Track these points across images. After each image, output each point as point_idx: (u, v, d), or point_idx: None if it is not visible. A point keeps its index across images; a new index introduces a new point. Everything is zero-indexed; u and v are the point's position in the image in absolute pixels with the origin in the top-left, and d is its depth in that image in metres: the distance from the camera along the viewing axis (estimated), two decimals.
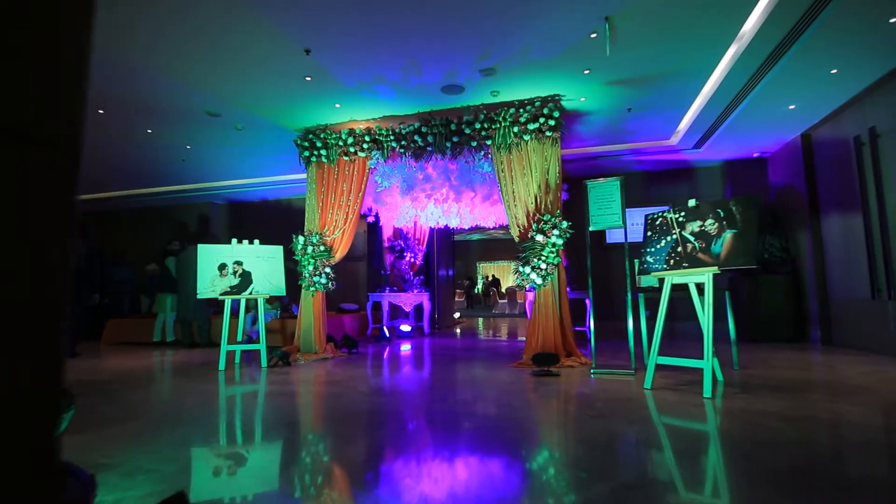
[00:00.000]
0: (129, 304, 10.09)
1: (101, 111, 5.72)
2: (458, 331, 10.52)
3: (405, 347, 7.07)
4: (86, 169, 8.14)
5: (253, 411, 3.42)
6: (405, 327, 8.40)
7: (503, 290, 25.20)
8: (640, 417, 2.94)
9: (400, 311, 9.09)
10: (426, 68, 4.74)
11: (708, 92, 5.37)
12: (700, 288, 4.09)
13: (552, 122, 5.30)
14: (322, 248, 5.96)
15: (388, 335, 7.76)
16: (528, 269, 5.16)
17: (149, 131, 6.40)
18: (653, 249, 4.24)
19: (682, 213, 4.12)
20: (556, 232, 5.10)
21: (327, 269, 5.96)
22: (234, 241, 5.63)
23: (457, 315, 11.94)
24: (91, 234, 6.82)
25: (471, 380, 4.34)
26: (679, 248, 4.03)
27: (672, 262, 4.04)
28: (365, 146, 5.96)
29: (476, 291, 25.01)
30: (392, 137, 5.87)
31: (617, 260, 8.56)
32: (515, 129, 5.41)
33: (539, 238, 5.13)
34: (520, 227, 5.38)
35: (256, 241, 5.74)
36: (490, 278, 23.59)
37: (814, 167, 6.64)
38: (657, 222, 4.30)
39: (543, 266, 5.10)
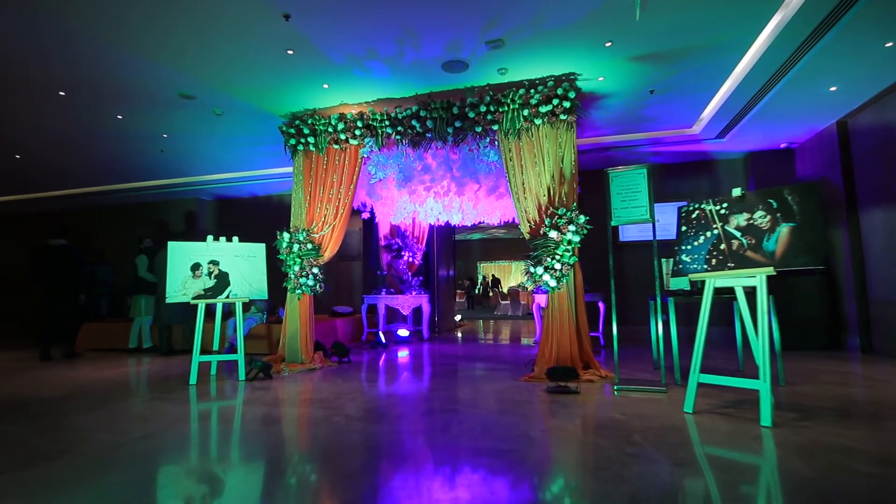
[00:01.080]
0: (108, 307, 9.49)
1: (62, 93, 5.12)
2: (460, 334, 9.93)
3: (402, 354, 6.47)
4: (59, 162, 7.56)
5: (211, 446, 2.82)
6: (403, 332, 7.81)
7: (505, 290, 24.61)
8: (690, 457, 2.34)
9: (397, 315, 8.49)
10: (425, 39, 4.13)
11: (742, 70, 4.77)
12: (748, 292, 3.50)
13: (567, 104, 4.70)
14: (309, 246, 5.35)
15: (384, 341, 7.16)
16: (540, 270, 4.56)
17: (119, 117, 5.80)
18: (689, 247, 3.63)
19: (724, 205, 3.52)
20: (571, 228, 4.50)
21: (315, 270, 5.36)
22: (210, 238, 5.02)
23: (458, 318, 11.35)
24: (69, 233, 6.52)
25: (476, 398, 3.74)
26: (722, 245, 3.43)
27: (714, 261, 3.44)
28: (357, 133, 5.35)
29: (476, 292, 24.42)
30: (387, 123, 5.26)
31: (631, 259, 7.96)
32: (525, 113, 4.80)
33: (553, 235, 4.52)
34: (530, 222, 4.78)
35: (235, 239, 5.14)
36: (491, 278, 22.97)
37: (851, 157, 6.04)
38: (693, 216, 3.69)
39: (558, 266, 4.50)
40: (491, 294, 21.92)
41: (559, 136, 4.77)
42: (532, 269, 4.61)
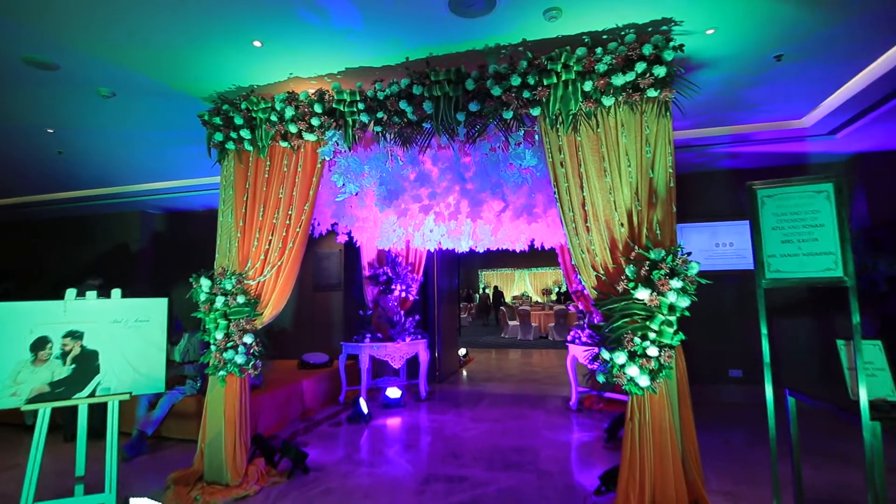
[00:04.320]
0: None
1: None
2: (465, 374, 8.07)
3: (391, 430, 4.55)
4: None
5: None
6: (393, 392, 5.86)
7: (508, 298, 22.55)
8: None
9: (387, 366, 6.56)
10: None
11: None
12: None
13: (660, 72, 2.79)
14: (241, 299, 3.41)
15: (365, 412, 5.22)
16: (620, 358, 2.62)
17: None
18: None
19: None
20: (675, 283, 2.58)
21: (248, 338, 3.40)
22: (72, 293, 3.08)
23: (462, 352, 9.42)
24: None
25: None
26: None
27: None
28: (315, 122, 3.42)
29: (473, 301, 22.41)
30: (361, 106, 3.34)
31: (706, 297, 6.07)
32: (588, 87, 2.89)
33: (642, 295, 2.60)
34: (598, 270, 2.86)
35: (117, 292, 3.20)
36: (492, 291, 20.93)
37: None
38: None
39: (654, 352, 2.57)
40: (500, 314, 19.79)
41: (646, 125, 2.86)
42: (607, 356, 2.67)
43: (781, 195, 2.30)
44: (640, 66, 2.79)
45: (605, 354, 2.66)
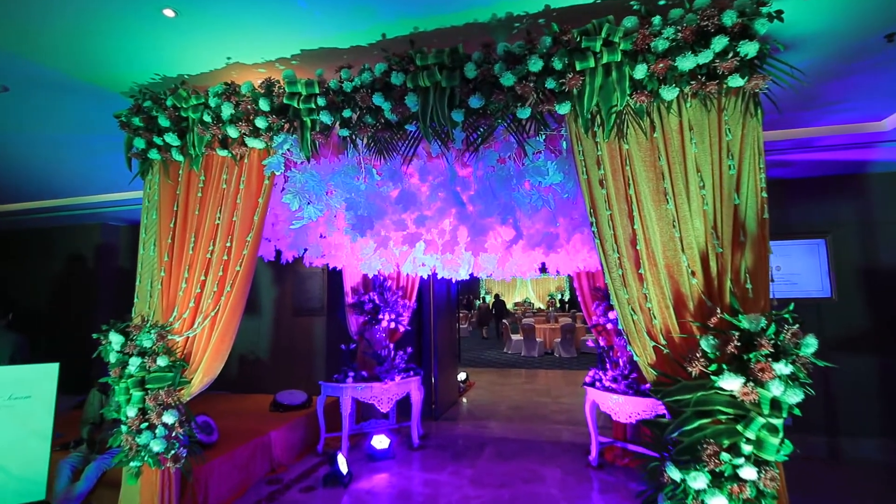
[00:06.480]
0: None
1: None
2: (465, 405, 7.23)
3: (376, 487, 3.66)
4: None
5: None
6: (379, 442, 4.97)
7: (509, 305, 21.60)
8: None
9: (373, 407, 5.67)
10: None
11: None
12: None
13: (749, 50, 1.91)
14: (162, 361, 2.53)
15: (344, 471, 4.34)
16: (698, 480, 1.74)
17: None
18: None
19: None
20: (781, 368, 1.69)
21: (168, 417, 2.51)
22: None
23: (462, 377, 8.53)
24: None
25: None
26: None
27: None
28: (260, 124, 2.53)
29: (475, 309, 21.50)
30: (322, 101, 2.45)
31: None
32: (640, 74, 2.01)
33: (729, 384, 1.72)
34: (659, 338, 1.97)
35: None
36: (493, 301, 19.94)
37: None
38: None
39: (750, 473, 1.69)
40: (492, 313, 18.79)
41: (726, 128, 1.98)
42: (676, 476, 1.78)
43: None
44: (720, 43, 1.90)
45: (674, 473, 1.77)
